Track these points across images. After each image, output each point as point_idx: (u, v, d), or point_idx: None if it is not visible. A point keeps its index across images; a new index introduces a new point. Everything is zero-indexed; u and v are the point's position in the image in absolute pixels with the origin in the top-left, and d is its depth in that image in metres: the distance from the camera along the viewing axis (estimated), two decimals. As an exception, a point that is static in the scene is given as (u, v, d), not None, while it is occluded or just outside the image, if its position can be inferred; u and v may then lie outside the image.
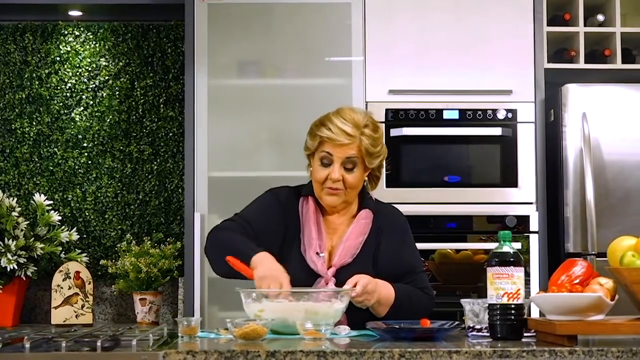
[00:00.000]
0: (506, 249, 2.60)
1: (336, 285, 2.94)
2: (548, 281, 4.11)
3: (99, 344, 2.33)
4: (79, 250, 4.66)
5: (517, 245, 4.11)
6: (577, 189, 4.25)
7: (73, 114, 4.82)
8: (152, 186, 4.82)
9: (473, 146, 4.40)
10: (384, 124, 4.32)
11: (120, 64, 4.85)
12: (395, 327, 2.67)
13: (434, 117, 4.37)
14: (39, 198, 4.61)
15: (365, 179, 3.09)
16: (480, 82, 4.39)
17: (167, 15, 4.80)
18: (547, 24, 4.46)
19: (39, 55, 4.84)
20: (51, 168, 4.80)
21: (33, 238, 4.52)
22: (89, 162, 4.81)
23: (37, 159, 4.81)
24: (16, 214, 4.53)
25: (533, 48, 4.40)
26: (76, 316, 4.45)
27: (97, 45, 4.85)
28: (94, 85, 4.83)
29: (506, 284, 2.56)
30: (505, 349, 2.35)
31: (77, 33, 4.85)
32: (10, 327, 4.36)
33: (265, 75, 4.43)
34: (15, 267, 4.39)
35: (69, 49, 4.84)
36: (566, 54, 4.55)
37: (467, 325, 2.70)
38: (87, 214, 4.79)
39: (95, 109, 4.82)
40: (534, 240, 4.31)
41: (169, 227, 4.80)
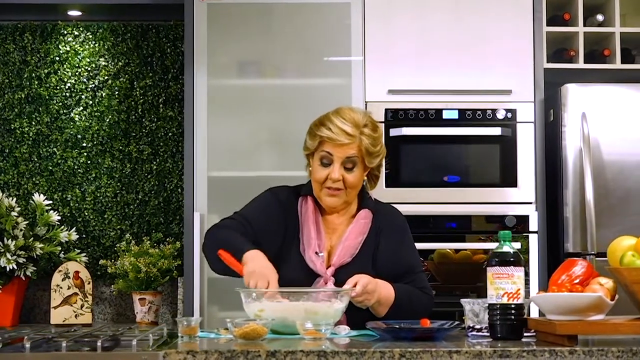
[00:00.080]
0: (506, 248, 2.60)
1: (335, 285, 2.94)
2: (547, 281, 4.12)
3: (99, 344, 2.33)
4: (78, 250, 4.66)
5: (516, 245, 4.10)
6: (577, 188, 4.25)
7: (72, 114, 4.82)
8: (151, 186, 4.82)
9: (472, 146, 4.40)
10: (383, 124, 4.32)
11: (120, 63, 4.84)
12: (396, 327, 2.67)
13: (433, 117, 4.37)
14: (38, 198, 4.61)
15: (365, 178, 3.10)
16: (479, 82, 4.39)
17: (167, 15, 4.80)
18: (547, 24, 4.46)
19: (38, 55, 4.83)
20: (50, 168, 4.80)
21: (32, 238, 4.51)
22: (89, 162, 4.81)
23: (36, 159, 4.80)
24: (15, 213, 4.53)
25: (532, 48, 4.40)
26: (75, 316, 4.46)
27: (97, 45, 4.85)
28: (93, 85, 4.83)
29: (506, 284, 2.56)
30: (506, 348, 2.35)
31: (76, 33, 4.85)
32: (9, 327, 4.35)
33: (265, 75, 4.43)
34: (15, 267, 4.39)
35: (68, 48, 4.84)
36: (566, 54, 4.55)
37: (467, 325, 2.70)
38: (87, 213, 4.79)
39: (95, 109, 4.82)
40: (533, 240, 4.31)
41: (168, 227, 4.80)
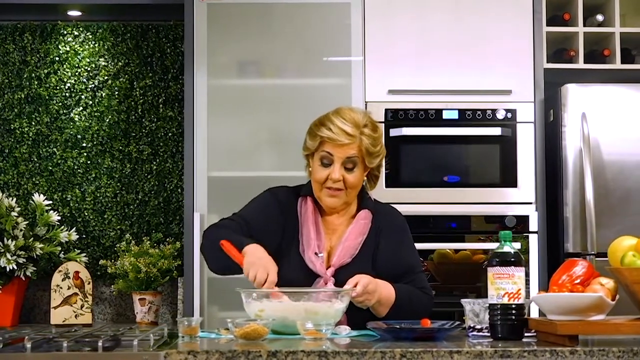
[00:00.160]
0: (507, 249, 2.60)
1: (335, 285, 2.94)
2: (547, 281, 4.13)
3: (100, 344, 2.32)
4: (78, 250, 4.66)
5: (516, 245, 4.10)
6: (577, 189, 4.25)
7: (72, 114, 4.82)
8: (151, 186, 4.81)
9: (472, 146, 4.40)
10: (383, 124, 4.32)
11: (120, 64, 4.84)
12: (396, 327, 2.66)
13: (433, 117, 4.37)
14: (38, 198, 4.61)
15: (364, 179, 3.10)
16: (479, 82, 4.39)
17: (167, 15, 4.80)
18: (547, 24, 4.46)
19: (38, 55, 4.83)
20: (50, 168, 4.80)
21: (32, 238, 4.51)
22: (88, 162, 4.81)
23: (36, 159, 4.80)
24: (15, 214, 4.53)
25: (532, 48, 4.40)
26: (75, 316, 4.45)
27: (97, 45, 4.85)
28: (93, 85, 4.83)
29: (507, 284, 2.56)
30: (507, 349, 2.35)
31: (76, 33, 4.85)
32: (9, 327, 4.35)
33: (265, 75, 4.43)
34: (15, 267, 4.38)
35: (68, 48, 4.84)
36: (565, 54, 4.55)
37: (468, 325, 2.70)
38: (87, 214, 4.79)
39: (95, 109, 4.82)
40: (533, 240, 4.31)
41: (168, 227, 4.80)
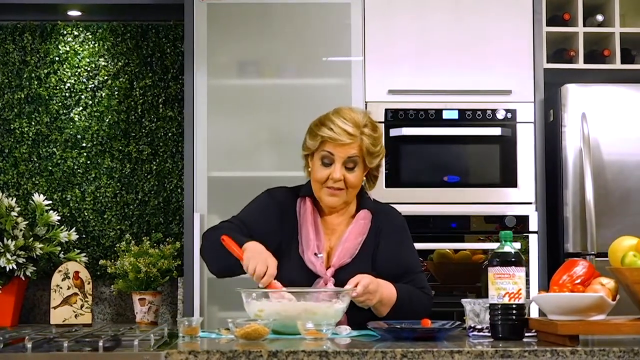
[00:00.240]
0: (507, 249, 2.61)
1: (335, 285, 2.94)
2: (547, 281, 4.13)
3: (100, 344, 2.32)
4: (78, 250, 4.66)
5: (516, 245, 4.10)
6: (577, 189, 4.25)
7: (72, 114, 4.82)
8: (151, 186, 4.81)
9: (472, 146, 4.40)
10: (383, 124, 4.32)
11: (120, 64, 4.84)
12: (397, 327, 2.66)
13: (433, 117, 4.37)
14: (38, 198, 4.60)
15: (364, 178, 3.10)
16: (479, 82, 4.39)
17: (167, 15, 4.80)
18: (547, 24, 4.46)
19: (38, 55, 4.83)
20: (50, 168, 4.80)
21: (32, 238, 4.51)
22: (88, 162, 4.81)
23: (36, 159, 4.80)
24: (15, 214, 4.52)
25: (532, 48, 4.40)
26: (75, 316, 4.45)
27: (96, 45, 4.84)
28: (93, 85, 4.83)
29: (507, 284, 2.56)
30: (507, 349, 2.35)
31: (76, 33, 4.85)
32: (9, 327, 4.35)
33: (265, 75, 4.43)
34: (15, 267, 4.38)
35: (68, 48, 4.84)
36: (565, 54, 4.55)
37: (468, 325, 2.70)
38: (86, 214, 4.79)
39: (94, 109, 4.82)
40: (533, 241, 4.30)
41: (168, 227, 4.80)
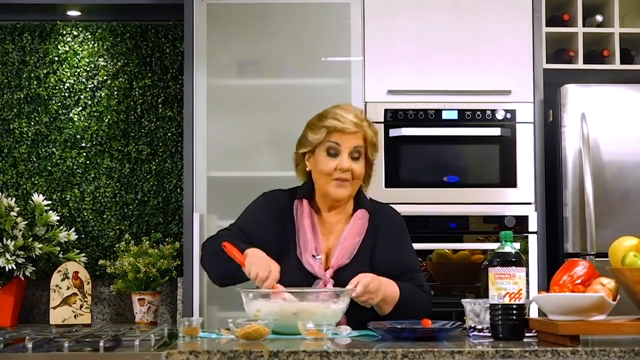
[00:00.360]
0: (508, 249, 2.61)
1: (335, 286, 2.93)
2: (547, 281, 4.13)
3: (101, 344, 2.32)
4: (77, 251, 4.66)
5: (515, 245, 4.11)
6: (576, 189, 4.25)
7: (71, 114, 4.81)
8: (150, 186, 4.81)
9: (472, 146, 4.40)
10: (382, 124, 4.32)
11: (119, 64, 4.84)
12: (397, 327, 2.66)
13: (433, 118, 4.36)
14: (37, 198, 4.60)
15: None
16: (479, 83, 4.39)
17: (166, 15, 4.80)
18: (546, 25, 4.46)
19: (37, 55, 4.83)
20: (49, 168, 4.80)
21: (31, 238, 4.51)
22: (88, 162, 4.80)
23: (35, 159, 4.80)
24: (14, 214, 4.52)
25: (532, 48, 4.40)
26: (75, 316, 4.46)
27: (96, 45, 4.84)
28: (92, 85, 4.83)
29: (508, 284, 2.56)
30: (508, 349, 2.35)
31: (75, 33, 4.85)
32: (9, 327, 4.35)
33: (265, 75, 4.43)
34: (14, 267, 4.38)
35: (67, 48, 4.83)
36: (565, 55, 4.55)
37: (468, 325, 2.70)
38: (86, 214, 4.79)
39: (94, 109, 4.82)
40: (532, 241, 4.30)
41: (167, 227, 4.80)
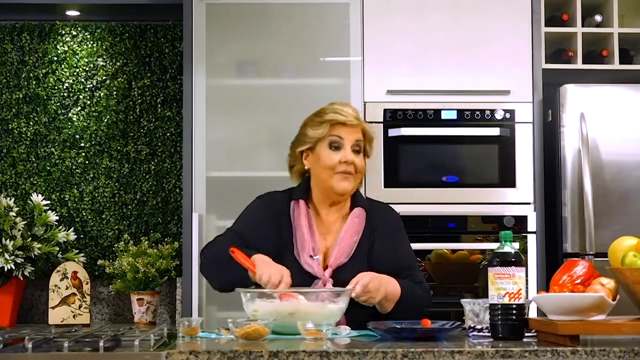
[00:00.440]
0: (507, 249, 2.61)
1: (334, 285, 2.94)
2: (546, 281, 4.14)
3: (101, 344, 2.32)
4: (76, 251, 4.65)
5: (515, 245, 4.11)
6: (575, 189, 4.25)
7: (70, 114, 4.81)
8: (149, 186, 4.81)
9: (471, 146, 4.40)
10: (382, 124, 4.32)
11: (118, 64, 4.84)
12: (397, 327, 2.66)
13: (432, 117, 4.36)
14: (36, 198, 4.60)
15: None
16: (478, 83, 4.39)
17: (165, 15, 4.80)
18: (545, 25, 4.46)
19: (36, 55, 4.83)
20: (48, 168, 4.79)
21: (30, 238, 4.51)
22: (86, 162, 4.80)
23: (34, 159, 4.80)
24: (13, 214, 4.52)
25: (531, 48, 4.40)
26: (73, 316, 4.46)
27: (95, 45, 4.84)
28: (91, 85, 4.83)
29: (507, 284, 2.56)
30: (508, 349, 2.35)
31: (74, 33, 4.84)
32: (7, 327, 4.35)
33: (264, 75, 4.43)
34: (13, 267, 4.38)
35: (66, 48, 4.83)
36: (564, 55, 4.55)
37: (468, 325, 2.70)
38: (85, 214, 4.78)
39: (93, 109, 4.81)
40: (531, 241, 4.29)
41: (166, 227, 4.79)
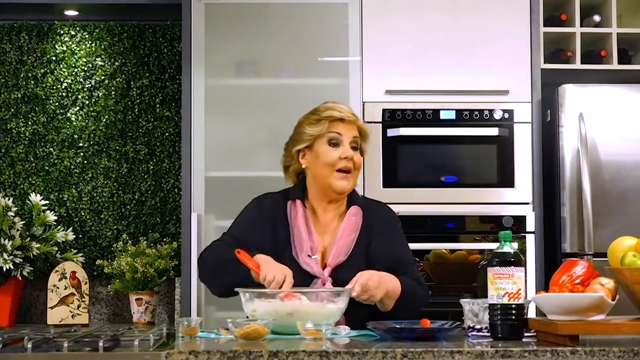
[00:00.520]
0: (507, 249, 2.61)
1: (333, 284, 2.94)
2: (545, 281, 4.14)
3: (100, 344, 2.32)
4: (75, 250, 4.65)
5: (513, 245, 4.11)
6: (574, 189, 4.25)
7: (69, 114, 4.81)
8: (148, 186, 4.81)
9: (470, 146, 4.40)
10: (380, 124, 4.32)
11: (117, 63, 4.84)
12: (396, 327, 2.66)
13: (430, 117, 4.37)
14: (34, 198, 4.60)
15: None
16: (477, 82, 4.39)
17: (164, 15, 4.79)
18: (544, 25, 4.46)
19: (34, 55, 4.82)
20: (47, 168, 4.79)
21: (29, 238, 4.50)
22: (85, 162, 4.80)
23: (32, 159, 4.79)
24: (12, 213, 4.52)
25: (530, 48, 4.40)
26: (72, 316, 4.45)
27: (93, 45, 4.84)
28: (89, 85, 4.82)
29: (507, 284, 2.56)
30: (508, 348, 2.35)
31: (73, 33, 4.84)
32: (6, 327, 4.34)
33: (263, 75, 4.43)
34: (11, 267, 4.38)
35: (64, 48, 4.83)
36: (563, 55, 4.55)
37: (467, 325, 2.70)
38: (83, 213, 4.78)
39: (91, 109, 4.81)
40: (530, 241, 4.29)
41: (165, 227, 4.79)
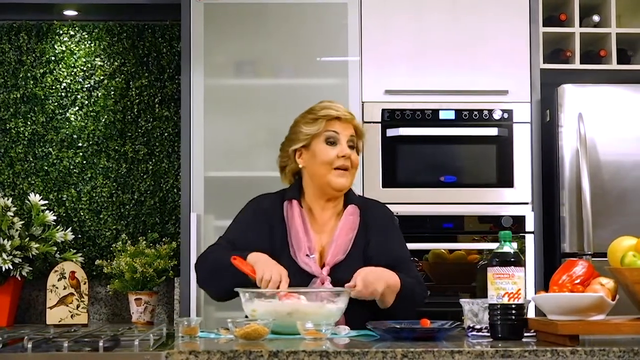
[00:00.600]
0: (507, 249, 2.61)
1: (332, 283, 2.94)
2: (544, 281, 4.14)
3: (100, 344, 2.32)
4: (74, 250, 4.65)
5: (513, 245, 4.12)
6: (573, 189, 4.25)
7: (68, 114, 4.81)
8: (147, 186, 4.81)
9: (469, 146, 4.40)
10: (380, 124, 4.33)
11: (116, 63, 4.83)
12: (396, 327, 2.66)
13: (430, 117, 4.37)
14: (33, 198, 4.60)
15: None
16: (476, 82, 4.39)
17: (163, 15, 4.79)
18: (543, 25, 4.47)
19: (34, 55, 4.82)
20: (46, 168, 4.79)
21: (28, 238, 4.50)
22: (84, 162, 4.80)
23: (31, 159, 4.79)
24: (11, 213, 4.51)
25: (529, 48, 4.40)
26: (71, 316, 4.45)
27: (92, 45, 4.84)
28: (89, 85, 4.82)
29: (507, 284, 2.56)
30: (508, 348, 2.35)
31: (72, 33, 4.84)
32: (5, 327, 4.34)
33: (262, 75, 4.43)
34: (10, 267, 4.37)
35: (64, 48, 4.83)
36: (562, 55, 4.55)
37: (467, 325, 2.70)
38: (82, 213, 4.78)
39: (91, 109, 4.81)
40: (529, 241, 4.30)
41: (164, 227, 4.79)
